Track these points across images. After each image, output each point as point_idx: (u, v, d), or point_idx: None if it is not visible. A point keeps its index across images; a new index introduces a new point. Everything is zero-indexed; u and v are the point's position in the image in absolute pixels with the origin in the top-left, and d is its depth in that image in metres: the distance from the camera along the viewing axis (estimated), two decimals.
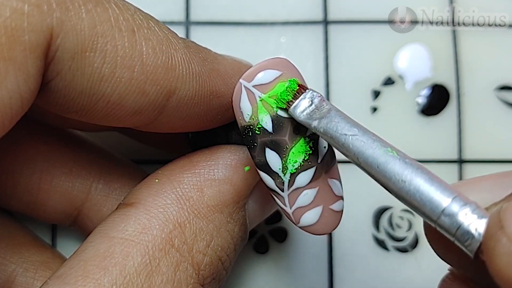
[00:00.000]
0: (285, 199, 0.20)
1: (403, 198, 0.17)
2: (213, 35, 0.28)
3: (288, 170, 0.20)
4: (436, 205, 0.16)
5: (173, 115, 0.19)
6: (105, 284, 0.17)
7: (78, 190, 0.24)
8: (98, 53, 0.17)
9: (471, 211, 0.16)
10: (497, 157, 0.28)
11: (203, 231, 0.19)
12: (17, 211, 0.24)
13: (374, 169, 0.17)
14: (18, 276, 0.23)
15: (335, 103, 0.28)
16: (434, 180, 0.16)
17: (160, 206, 0.19)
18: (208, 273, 0.19)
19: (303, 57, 0.28)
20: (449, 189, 0.16)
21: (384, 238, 0.27)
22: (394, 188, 0.17)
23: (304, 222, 0.20)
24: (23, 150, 0.23)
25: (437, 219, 0.16)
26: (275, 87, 0.19)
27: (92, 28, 0.17)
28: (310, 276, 0.27)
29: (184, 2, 0.28)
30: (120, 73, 0.17)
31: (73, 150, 0.24)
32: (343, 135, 0.18)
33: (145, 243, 0.18)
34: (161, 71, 0.18)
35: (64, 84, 0.17)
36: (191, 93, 0.19)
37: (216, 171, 0.20)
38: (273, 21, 0.28)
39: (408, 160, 0.17)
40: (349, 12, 0.28)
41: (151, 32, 0.18)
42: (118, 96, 0.18)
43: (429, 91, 0.28)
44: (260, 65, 0.20)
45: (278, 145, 0.19)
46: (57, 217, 0.24)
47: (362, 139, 0.18)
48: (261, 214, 0.22)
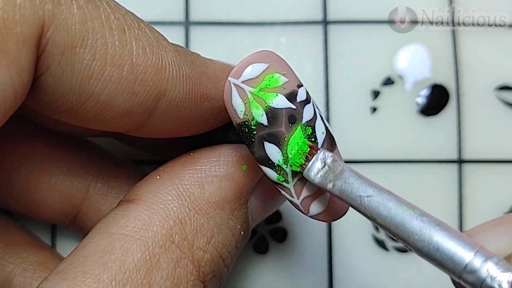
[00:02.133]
0: (291, 191, 0.20)
1: (425, 256, 0.17)
2: (212, 35, 0.28)
3: (289, 160, 0.20)
4: (458, 262, 0.16)
5: (163, 118, 0.19)
6: (105, 280, 0.17)
7: (76, 189, 0.24)
8: (88, 49, 0.17)
9: (494, 265, 0.16)
10: (497, 157, 0.28)
11: (203, 227, 0.19)
12: (16, 210, 0.24)
13: (392, 229, 0.18)
14: (16, 276, 0.23)
15: (335, 103, 0.28)
16: (453, 236, 0.17)
17: (160, 202, 0.19)
18: (209, 270, 0.19)
19: (302, 57, 0.28)
20: (470, 244, 0.17)
21: (384, 238, 0.27)
22: (415, 248, 0.17)
23: (313, 211, 0.20)
24: (21, 149, 0.23)
25: (460, 276, 0.16)
26: (264, 80, 0.19)
27: (83, 24, 0.17)
28: (310, 276, 0.27)
29: (184, 2, 0.28)
30: (110, 71, 0.17)
31: (72, 149, 0.24)
32: (358, 196, 0.18)
33: (145, 239, 0.18)
34: (151, 72, 0.18)
35: (53, 80, 0.17)
36: (181, 95, 0.19)
37: (218, 168, 0.20)
38: (273, 21, 0.28)
39: (425, 218, 0.17)
40: (349, 12, 0.28)
41: (141, 33, 0.18)
42: (107, 96, 0.18)
43: (428, 91, 0.28)
44: (246, 60, 0.19)
45: (276, 137, 0.19)
46: (55, 217, 0.24)
47: (378, 200, 0.18)
48: (264, 211, 0.22)
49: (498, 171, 0.28)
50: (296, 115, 0.20)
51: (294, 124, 0.20)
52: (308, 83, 0.28)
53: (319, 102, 0.28)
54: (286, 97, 0.20)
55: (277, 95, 0.20)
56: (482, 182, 0.27)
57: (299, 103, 0.20)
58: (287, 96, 0.20)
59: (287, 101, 0.20)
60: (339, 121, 0.28)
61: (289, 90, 0.20)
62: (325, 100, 0.28)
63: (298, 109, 0.20)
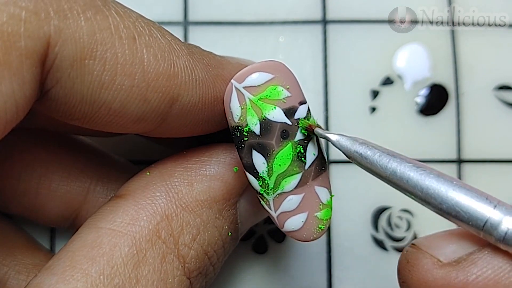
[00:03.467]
0: (270, 203, 0.20)
1: (446, 215, 0.18)
2: (211, 35, 0.28)
3: (273, 174, 0.20)
4: (479, 218, 0.17)
5: (177, 121, 0.19)
6: (93, 274, 0.17)
7: (76, 193, 0.24)
8: (98, 60, 0.17)
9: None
10: (496, 157, 0.28)
11: (189, 224, 0.19)
12: (16, 214, 0.24)
13: (412, 190, 0.18)
14: (10, 278, 0.23)
15: (334, 103, 0.28)
16: (470, 191, 0.17)
17: (148, 198, 0.19)
18: (194, 266, 0.20)
19: (301, 56, 0.28)
20: (489, 198, 0.17)
21: (383, 238, 0.27)
22: (434, 207, 0.18)
23: (288, 227, 0.20)
24: (21, 156, 0.23)
25: (483, 229, 0.17)
26: (265, 90, 0.19)
27: (91, 36, 0.17)
28: (309, 276, 0.27)
29: (182, 2, 0.28)
30: (121, 80, 0.18)
31: (71, 154, 0.24)
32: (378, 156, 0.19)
33: (132, 234, 0.18)
34: (163, 78, 0.18)
35: (64, 92, 0.17)
36: (195, 99, 0.19)
37: (208, 167, 0.20)
38: (272, 20, 0.28)
39: (441, 177, 0.18)
40: (348, 12, 0.28)
41: (152, 39, 0.18)
42: (119, 104, 0.18)
43: (428, 91, 0.28)
44: (253, 67, 0.20)
45: (265, 148, 0.20)
46: (55, 220, 0.24)
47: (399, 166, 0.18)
48: (254, 215, 0.22)
49: (497, 171, 0.28)
50: (289, 131, 0.20)
51: (286, 140, 0.20)
52: (307, 82, 0.28)
53: (318, 102, 0.28)
54: (284, 112, 0.20)
55: (275, 108, 0.20)
56: (481, 182, 0.27)
57: (296, 120, 0.20)
58: (285, 111, 0.20)
59: (283, 116, 0.20)
60: (338, 121, 0.28)
61: (289, 105, 0.20)
62: (324, 100, 0.28)
63: (293, 126, 0.20)
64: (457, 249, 0.18)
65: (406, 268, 0.18)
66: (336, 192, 0.27)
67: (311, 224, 0.20)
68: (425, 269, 0.18)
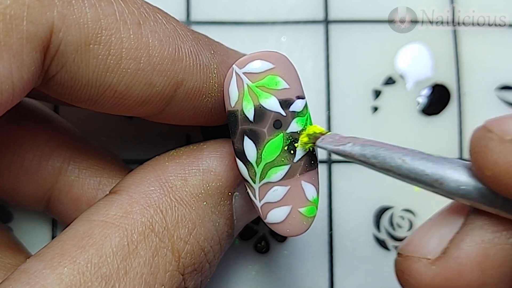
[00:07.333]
0: (255, 191, 0.20)
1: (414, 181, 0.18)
2: (213, 34, 0.28)
3: (262, 162, 0.20)
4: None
5: (181, 106, 0.20)
6: (80, 262, 0.17)
7: (48, 173, 0.23)
8: (103, 45, 0.17)
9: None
10: None
11: (185, 218, 0.19)
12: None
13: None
14: None
15: (336, 103, 0.28)
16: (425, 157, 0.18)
17: (142, 192, 0.19)
18: (189, 262, 0.19)
19: (303, 56, 0.28)
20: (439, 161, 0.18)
21: (385, 238, 0.27)
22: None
23: (270, 218, 0.20)
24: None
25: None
26: (264, 78, 0.20)
27: (95, 22, 0.17)
28: (310, 276, 0.27)
29: (185, 2, 0.28)
30: (126, 64, 0.18)
31: (45, 133, 0.24)
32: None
33: (124, 226, 0.18)
34: (168, 62, 0.19)
35: (70, 76, 0.18)
36: (199, 84, 0.19)
37: (201, 161, 0.20)
38: (274, 20, 0.28)
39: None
40: (350, 12, 0.28)
41: (157, 25, 0.19)
42: (125, 87, 0.18)
43: (429, 90, 0.28)
44: (255, 54, 0.20)
45: (257, 135, 0.20)
46: (29, 201, 0.24)
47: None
48: (249, 211, 0.22)
49: None
50: (282, 122, 0.20)
51: (278, 130, 0.20)
52: (309, 82, 0.28)
53: (320, 101, 0.28)
54: (279, 102, 0.20)
55: (271, 96, 0.20)
56: None
57: (290, 112, 0.20)
58: (281, 102, 0.20)
59: (279, 106, 0.20)
60: (340, 121, 0.28)
61: (285, 96, 0.20)
62: (326, 100, 0.28)
63: (287, 117, 0.20)
64: (439, 240, 0.18)
65: (403, 278, 0.19)
66: (338, 192, 0.27)
67: (293, 218, 0.20)
68: (419, 273, 0.18)
